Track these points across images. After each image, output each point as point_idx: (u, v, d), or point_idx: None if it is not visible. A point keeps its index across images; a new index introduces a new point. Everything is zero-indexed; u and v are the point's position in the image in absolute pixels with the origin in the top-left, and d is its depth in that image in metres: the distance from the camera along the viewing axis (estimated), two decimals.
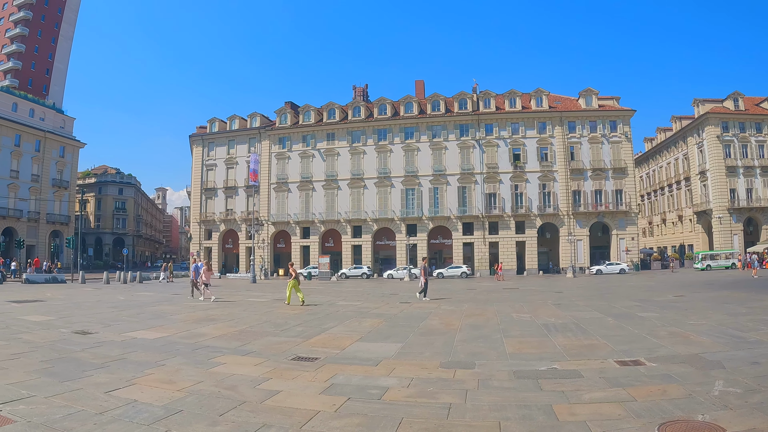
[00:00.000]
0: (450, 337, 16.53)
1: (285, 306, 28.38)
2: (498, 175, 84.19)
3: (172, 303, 30.58)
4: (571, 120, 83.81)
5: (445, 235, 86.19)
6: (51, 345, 15.19)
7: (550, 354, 13.34)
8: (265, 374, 11.50)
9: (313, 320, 21.73)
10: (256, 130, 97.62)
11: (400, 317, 22.72)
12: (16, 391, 9.74)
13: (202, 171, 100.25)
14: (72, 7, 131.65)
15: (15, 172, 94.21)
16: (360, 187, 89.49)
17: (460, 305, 27.88)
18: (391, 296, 36.33)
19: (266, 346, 15.23)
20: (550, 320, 20.30)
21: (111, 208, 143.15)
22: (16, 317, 22.38)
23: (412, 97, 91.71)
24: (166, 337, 17.02)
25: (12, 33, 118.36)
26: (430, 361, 12.79)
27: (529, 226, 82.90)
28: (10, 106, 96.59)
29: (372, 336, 17.28)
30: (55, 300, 32.29)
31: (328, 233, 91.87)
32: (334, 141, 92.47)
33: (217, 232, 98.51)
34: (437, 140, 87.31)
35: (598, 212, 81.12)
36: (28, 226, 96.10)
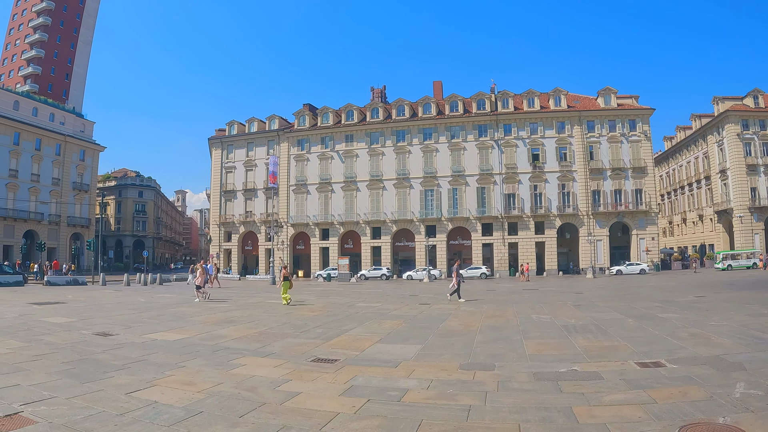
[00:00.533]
0: (470, 339, 16.52)
1: (304, 308, 28.51)
2: (517, 176, 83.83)
3: (192, 305, 30.63)
4: (590, 119, 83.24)
5: (465, 236, 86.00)
6: (72, 346, 15.33)
7: (570, 355, 13.31)
8: (284, 376, 11.54)
9: (333, 322, 21.76)
10: (275, 133, 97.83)
11: (420, 319, 22.68)
12: (38, 392, 9.84)
13: (221, 173, 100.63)
14: (90, 13, 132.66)
15: (36, 175, 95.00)
16: (379, 189, 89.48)
17: (480, 306, 27.80)
18: (411, 297, 36.29)
19: (286, 348, 15.29)
20: (570, 321, 20.24)
21: (131, 210, 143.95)
22: (38, 319, 22.53)
23: (430, 98, 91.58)
24: (187, 339, 17.13)
25: (31, 39, 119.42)
26: (449, 362, 12.79)
27: (549, 226, 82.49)
28: (31, 110, 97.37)
29: (392, 337, 17.29)
30: (76, 302, 32.48)
31: (347, 235, 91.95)
32: (353, 142, 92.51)
33: (237, 234, 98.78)
34: (456, 141, 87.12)
35: (618, 212, 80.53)
36: (49, 229, 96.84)
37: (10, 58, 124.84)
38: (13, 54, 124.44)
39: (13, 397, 9.48)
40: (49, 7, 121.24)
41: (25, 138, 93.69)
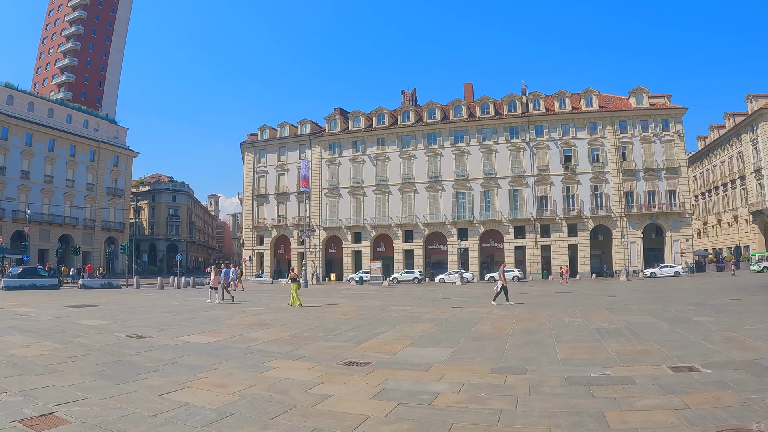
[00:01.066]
0: (501, 342, 16.44)
1: (337, 311, 28.64)
2: (549, 177, 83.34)
3: (225, 308, 30.81)
4: (622, 119, 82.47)
5: (497, 238, 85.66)
6: (106, 348, 15.53)
7: (602, 359, 13.21)
8: (316, 378, 11.58)
9: (365, 325, 21.79)
10: (307, 137, 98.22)
11: (452, 322, 22.60)
12: (72, 393, 9.98)
13: (253, 178, 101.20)
14: (122, 21, 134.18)
15: (71, 181, 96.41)
16: (411, 192, 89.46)
17: (512, 310, 27.69)
18: (443, 300, 36.23)
19: (318, 351, 15.33)
20: (602, 325, 20.10)
21: (165, 215, 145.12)
22: (73, 321, 22.87)
23: (461, 101, 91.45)
24: (219, 342, 17.25)
25: (64, 47, 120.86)
26: (481, 366, 12.74)
27: (581, 228, 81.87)
28: (65, 117, 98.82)
29: (423, 341, 17.26)
30: (110, 305, 32.89)
31: (379, 238, 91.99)
32: (384, 146, 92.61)
33: (269, 238, 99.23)
34: (487, 143, 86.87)
35: (651, 213, 79.67)
36: (83, 234, 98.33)
37: (44, 66, 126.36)
38: (47, 62, 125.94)
39: (48, 398, 9.62)
40: (81, 16, 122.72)
41: (59, 144, 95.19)
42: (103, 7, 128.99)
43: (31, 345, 15.98)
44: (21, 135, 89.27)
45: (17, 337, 17.71)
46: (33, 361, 13.20)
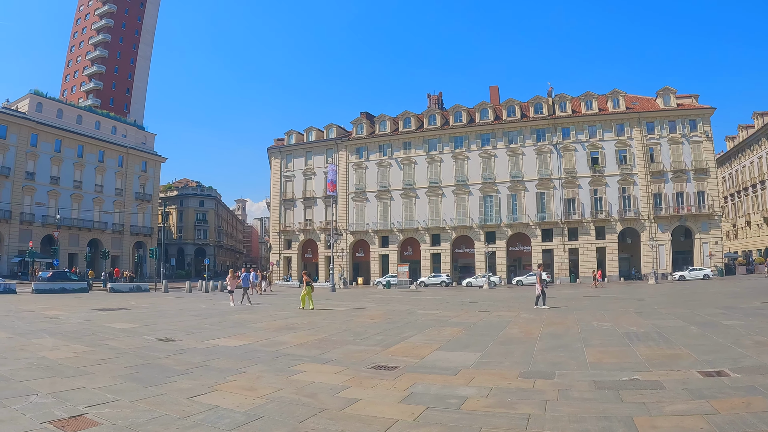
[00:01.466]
0: (530, 347, 16.38)
1: (364, 315, 28.64)
2: (576, 180, 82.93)
3: (252, 312, 30.93)
4: (650, 120, 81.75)
5: (524, 242, 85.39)
6: (135, 351, 15.65)
7: (631, 364, 13.09)
8: (344, 382, 11.61)
9: (393, 329, 21.79)
10: (333, 141, 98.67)
11: (480, 326, 22.54)
12: (102, 395, 10.07)
13: (280, 182, 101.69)
14: (148, 29, 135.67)
15: (99, 186, 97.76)
16: (438, 195, 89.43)
17: (540, 314, 27.58)
18: (471, 304, 36.12)
19: (346, 355, 15.36)
20: (631, 329, 19.92)
21: (192, 219, 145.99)
22: (102, 324, 23.08)
23: (487, 104, 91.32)
24: (248, 345, 17.31)
25: (92, 55, 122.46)
26: (509, 370, 12.70)
27: (609, 231, 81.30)
28: (93, 124, 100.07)
29: (451, 345, 17.22)
30: (139, 308, 33.19)
31: (406, 242, 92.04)
32: (411, 150, 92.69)
33: (297, 242, 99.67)
34: (514, 146, 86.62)
35: (680, 215, 78.94)
36: (112, 238, 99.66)
37: (72, 74, 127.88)
38: (75, 70, 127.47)
39: (78, 400, 9.71)
40: (108, 24, 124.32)
41: (88, 150, 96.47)
42: (130, 15, 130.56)
43: (62, 347, 16.12)
44: (50, 141, 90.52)
45: (48, 340, 17.87)
46: (63, 363, 13.33)
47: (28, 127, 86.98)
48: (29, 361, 13.54)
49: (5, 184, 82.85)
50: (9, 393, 10.02)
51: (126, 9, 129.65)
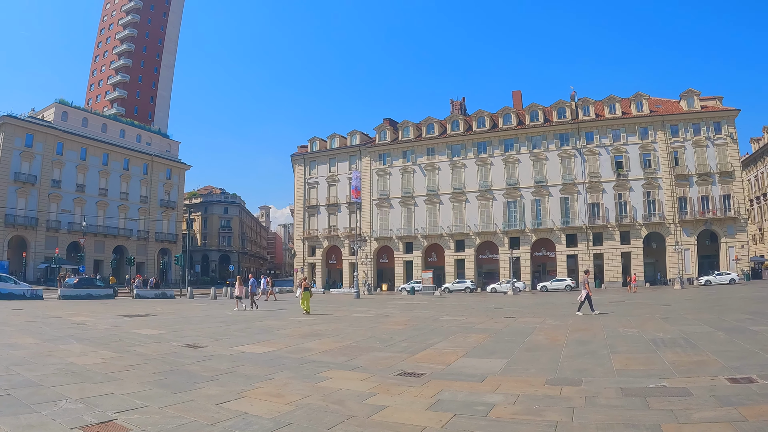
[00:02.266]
0: (556, 353, 16.25)
1: (389, 321, 28.60)
2: (600, 184, 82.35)
3: (278, 318, 31.04)
4: (673, 123, 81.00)
5: (549, 247, 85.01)
6: (163, 357, 15.72)
7: (658, 370, 12.97)
8: (371, 389, 11.56)
9: (418, 335, 21.69)
10: (357, 148, 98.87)
11: (505, 332, 22.40)
12: (131, 401, 10.12)
13: (304, 189, 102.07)
14: (171, 38, 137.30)
15: (125, 194, 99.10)
16: (461, 201, 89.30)
17: (566, 320, 27.43)
18: (495, 311, 35.97)
19: (372, 361, 15.30)
20: (657, 335, 19.71)
21: (217, 226, 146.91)
22: (129, 331, 23.22)
23: (510, 109, 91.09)
24: (274, 352, 17.31)
25: (117, 65, 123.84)
26: (535, 377, 12.61)
27: (634, 236, 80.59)
28: (118, 132, 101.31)
29: (477, 351, 17.12)
30: (165, 315, 33.40)
31: (430, 248, 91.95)
32: (434, 155, 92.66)
33: (321, 249, 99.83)
34: (537, 151, 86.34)
35: (705, 219, 78.02)
36: (137, 245, 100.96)
37: (97, 83, 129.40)
38: (99, 79, 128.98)
39: (108, 405, 9.76)
40: (131, 34, 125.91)
41: (113, 159, 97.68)
42: (153, 25, 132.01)
43: (89, 353, 16.24)
44: (76, 150, 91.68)
45: (75, 346, 18.01)
46: (92, 369, 13.41)
47: (54, 136, 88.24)
48: (58, 367, 13.62)
49: (31, 191, 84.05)
50: (39, 398, 10.09)
51: (149, 19, 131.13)
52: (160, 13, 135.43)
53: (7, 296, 45.46)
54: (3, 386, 11.02)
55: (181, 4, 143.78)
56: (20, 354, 15.64)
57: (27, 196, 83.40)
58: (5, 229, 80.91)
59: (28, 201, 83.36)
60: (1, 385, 11.09)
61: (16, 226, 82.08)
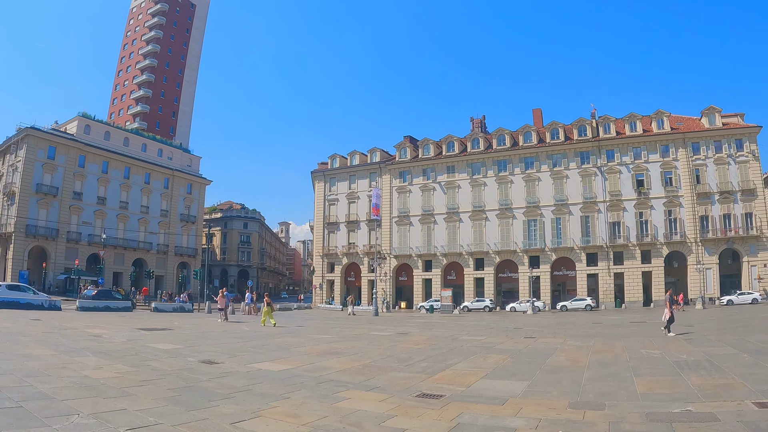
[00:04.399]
0: (578, 375, 16.02)
1: (408, 340, 28.56)
2: (621, 203, 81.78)
3: (295, 335, 31.03)
4: (695, 141, 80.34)
5: (569, 266, 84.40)
6: (178, 373, 15.65)
7: (683, 394, 12.71)
8: (389, 411, 11.40)
9: (437, 355, 21.51)
10: (377, 165, 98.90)
11: (525, 353, 22.20)
12: (144, 418, 10.01)
13: (324, 205, 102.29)
14: (194, 54, 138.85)
15: (145, 207, 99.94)
16: (481, 219, 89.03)
17: (587, 340, 27.15)
18: (515, 330, 35.81)
19: (390, 382, 15.13)
20: (681, 357, 19.40)
21: (236, 241, 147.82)
22: (145, 344, 23.21)
23: (530, 126, 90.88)
24: (291, 370, 17.19)
25: (139, 79, 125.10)
26: (557, 400, 12.41)
27: (655, 255, 79.77)
28: (140, 146, 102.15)
29: (497, 373, 16.92)
30: (182, 329, 33.48)
31: (449, 266, 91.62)
32: (454, 173, 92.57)
33: (340, 265, 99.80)
34: (558, 169, 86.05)
35: (728, 238, 77.10)
36: (157, 258, 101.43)
37: (120, 97, 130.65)
38: (122, 94, 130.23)
39: (120, 422, 9.63)
40: (154, 49, 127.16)
41: (134, 172, 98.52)
42: (175, 41, 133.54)
43: (104, 367, 16.16)
44: (98, 162, 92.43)
45: (91, 359, 17.94)
46: (105, 384, 13.33)
47: (76, 149, 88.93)
48: (71, 380, 13.56)
49: (53, 203, 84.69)
50: (50, 412, 9.99)
51: (172, 35, 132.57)
52: (182, 29, 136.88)
53: (26, 306, 45.68)
54: (15, 398, 10.95)
55: (203, 20, 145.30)
56: (35, 365, 15.57)
57: (48, 208, 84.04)
58: (26, 240, 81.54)
59: (49, 212, 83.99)
60: (14, 397, 11.01)
61: (37, 236, 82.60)
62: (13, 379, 13.04)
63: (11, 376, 13.43)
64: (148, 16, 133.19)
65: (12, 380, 12.94)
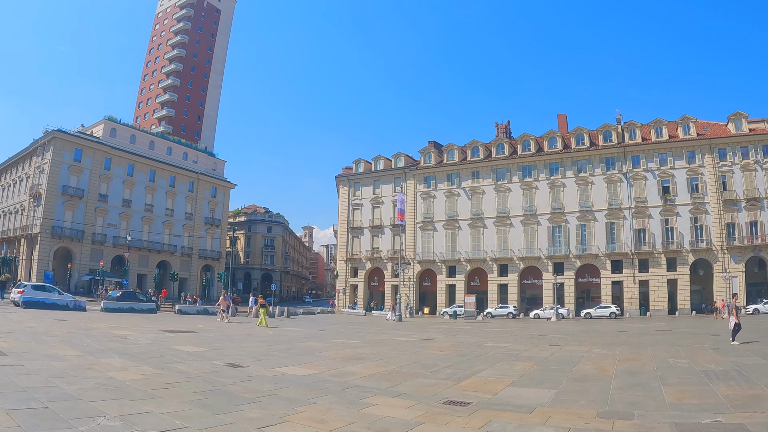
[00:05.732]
0: (605, 384, 15.81)
1: (433, 346, 28.40)
2: (647, 210, 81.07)
3: (320, 340, 31.01)
4: (721, 147, 79.34)
5: (593, 273, 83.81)
6: (203, 376, 15.58)
7: (712, 404, 12.48)
8: (416, 418, 11.25)
9: (463, 362, 21.38)
10: (401, 170, 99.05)
11: (551, 361, 22.02)
12: (171, 421, 9.95)
13: (348, 210, 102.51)
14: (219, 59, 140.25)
15: (170, 210, 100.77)
16: (506, 225, 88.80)
17: (613, 349, 26.90)
18: (540, 337, 35.62)
19: (417, 388, 14.98)
20: (709, 366, 19.14)
21: (260, 245, 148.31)
22: (170, 347, 23.17)
23: (555, 132, 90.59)
24: (316, 375, 17.07)
25: (165, 84, 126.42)
26: (586, 409, 12.23)
27: (681, 262, 78.90)
28: (165, 150, 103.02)
29: (524, 380, 16.76)
30: (206, 332, 33.45)
31: (473, 272, 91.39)
32: (479, 179, 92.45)
33: (363, 270, 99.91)
34: (583, 175, 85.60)
35: (754, 246, 75.98)
36: (181, 260, 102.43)
37: (145, 101, 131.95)
38: (147, 98, 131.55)
39: (146, 424, 9.58)
40: (180, 54, 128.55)
41: (160, 175, 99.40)
42: (201, 46, 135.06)
43: (130, 368, 16.16)
44: (123, 166, 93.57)
45: (116, 360, 17.94)
46: (131, 385, 13.31)
47: (102, 152, 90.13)
48: (97, 381, 13.56)
49: (79, 205, 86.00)
50: (76, 413, 9.95)
51: (197, 40, 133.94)
52: (208, 34, 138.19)
53: (51, 306, 46.13)
54: (41, 398, 10.92)
55: (228, 25, 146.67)
56: (60, 366, 15.57)
57: (74, 209, 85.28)
58: (52, 240, 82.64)
59: (75, 214, 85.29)
60: (40, 397, 10.98)
61: (63, 237, 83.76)
62: (39, 380, 13.05)
63: (37, 377, 13.43)
64: (173, 21, 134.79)
65: (38, 380, 12.94)
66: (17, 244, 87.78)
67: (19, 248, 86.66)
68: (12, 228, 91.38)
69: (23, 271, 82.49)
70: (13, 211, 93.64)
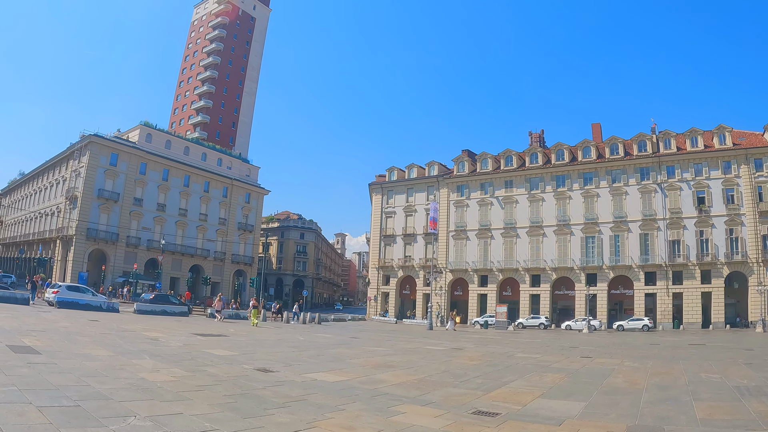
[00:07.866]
0: (635, 398, 15.61)
1: (463, 356, 28.35)
2: (681, 221, 80.00)
3: (350, 347, 30.97)
4: (757, 157, 77.81)
5: (626, 285, 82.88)
6: (234, 380, 15.64)
7: (743, 421, 12.30)
8: (445, 427, 11.22)
9: (493, 372, 21.29)
10: (434, 179, 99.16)
11: (582, 373, 21.87)
12: (200, 423, 10.02)
13: (381, 218, 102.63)
14: (254, 66, 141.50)
15: (204, 215, 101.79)
16: (539, 235, 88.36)
17: (644, 362, 26.59)
18: (571, 349, 35.39)
19: (446, 397, 14.93)
20: (742, 382, 18.82)
21: (292, 251, 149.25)
22: (201, 350, 23.33)
23: (589, 141, 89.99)
24: (345, 381, 17.06)
25: (200, 90, 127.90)
26: (615, 423, 12.08)
27: (716, 275, 77.61)
28: (200, 155, 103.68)
29: (554, 392, 16.64)
30: (237, 336, 33.66)
31: (505, 282, 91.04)
32: (512, 188, 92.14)
33: (395, 278, 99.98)
34: (617, 185, 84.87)
35: None
36: (213, 265, 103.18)
37: (181, 108, 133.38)
38: (183, 104, 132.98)
39: (176, 426, 9.66)
40: (215, 61, 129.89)
41: (194, 180, 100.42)
42: (236, 53, 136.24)
43: (161, 370, 16.30)
44: (158, 170, 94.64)
45: (148, 361, 18.10)
46: (162, 387, 13.42)
47: (138, 156, 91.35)
48: (128, 382, 13.69)
49: (114, 208, 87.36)
50: (107, 412, 10.05)
51: (232, 47, 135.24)
52: (242, 42, 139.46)
53: (84, 307, 46.98)
54: (73, 396, 11.05)
55: (263, 33, 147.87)
56: (93, 365, 15.73)
57: (109, 213, 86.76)
58: (87, 242, 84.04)
59: (110, 217, 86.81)
60: (72, 396, 11.11)
61: (97, 240, 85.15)
62: (72, 378, 13.19)
63: (70, 375, 13.57)
64: (209, 29, 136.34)
65: (70, 379, 13.08)
66: (53, 245, 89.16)
67: (54, 249, 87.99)
68: (48, 229, 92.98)
69: (58, 271, 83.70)
70: (49, 213, 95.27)
